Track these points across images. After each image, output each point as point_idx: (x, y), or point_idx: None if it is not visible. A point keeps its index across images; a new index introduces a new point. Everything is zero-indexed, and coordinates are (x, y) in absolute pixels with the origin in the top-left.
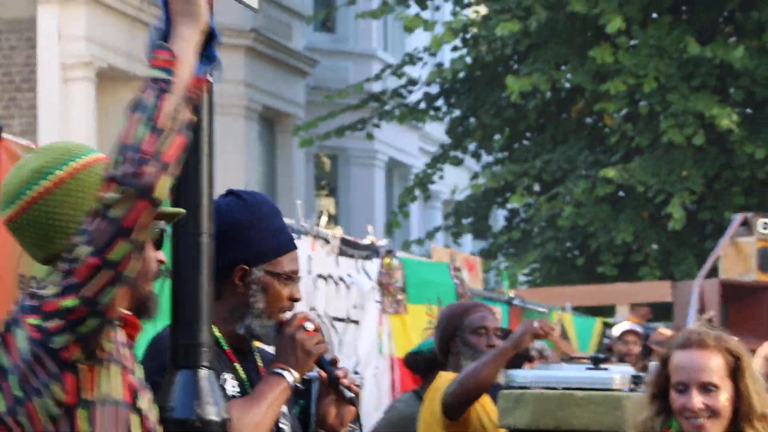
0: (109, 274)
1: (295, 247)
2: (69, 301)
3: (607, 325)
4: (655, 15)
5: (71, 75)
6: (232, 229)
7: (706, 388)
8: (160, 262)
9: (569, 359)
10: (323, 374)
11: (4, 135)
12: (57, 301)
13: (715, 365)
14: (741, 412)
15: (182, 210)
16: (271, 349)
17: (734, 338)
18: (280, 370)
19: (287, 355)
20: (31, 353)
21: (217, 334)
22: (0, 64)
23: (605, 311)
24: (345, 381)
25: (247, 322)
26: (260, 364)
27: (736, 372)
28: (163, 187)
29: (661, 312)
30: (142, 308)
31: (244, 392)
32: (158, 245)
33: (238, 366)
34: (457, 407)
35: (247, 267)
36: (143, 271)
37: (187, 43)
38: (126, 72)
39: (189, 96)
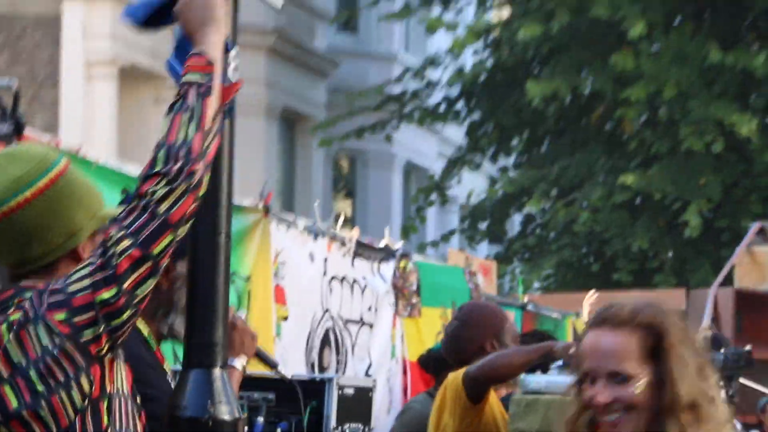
0: (149, 267)
1: None
2: (106, 294)
3: None
4: (677, 21)
5: (94, 72)
6: None
7: (617, 377)
8: None
9: None
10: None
11: (27, 131)
12: (91, 295)
13: (628, 348)
14: (663, 402)
15: None
16: None
17: (662, 309)
18: (228, 361)
19: (231, 343)
20: (58, 348)
21: (145, 333)
22: (24, 60)
23: None
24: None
25: (170, 320)
26: None
27: (657, 353)
28: (206, 184)
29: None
30: None
31: None
32: None
33: (166, 366)
34: (480, 383)
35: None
36: None
37: (216, 49)
38: (148, 70)
39: (223, 101)
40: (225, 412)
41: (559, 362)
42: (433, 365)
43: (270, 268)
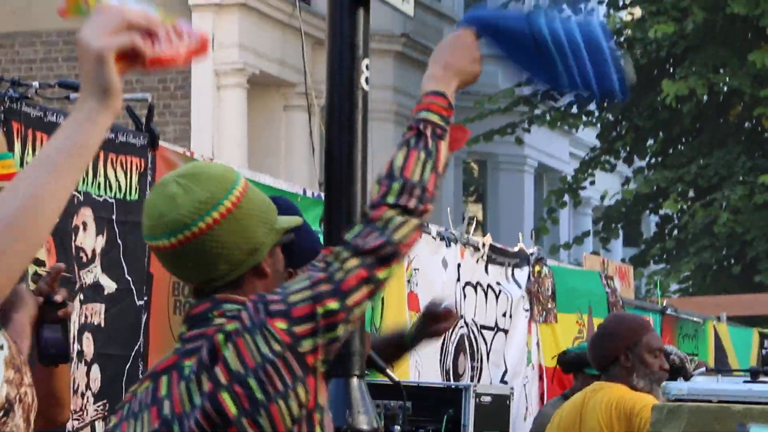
0: (371, 289)
1: None
2: (331, 305)
3: (765, 337)
4: None
5: (224, 82)
6: None
7: None
8: None
9: (726, 372)
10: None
11: (160, 142)
12: (312, 306)
13: None
14: None
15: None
16: None
17: None
18: None
19: None
20: (277, 356)
21: None
22: (155, 72)
23: (763, 321)
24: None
25: None
26: None
27: None
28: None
29: None
30: None
31: None
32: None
33: None
34: None
35: None
36: None
37: (452, 95)
38: (277, 78)
39: (452, 148)
40: (363, 422)
41: (702, 368)
42: (569, 365)
43: (403, 275)
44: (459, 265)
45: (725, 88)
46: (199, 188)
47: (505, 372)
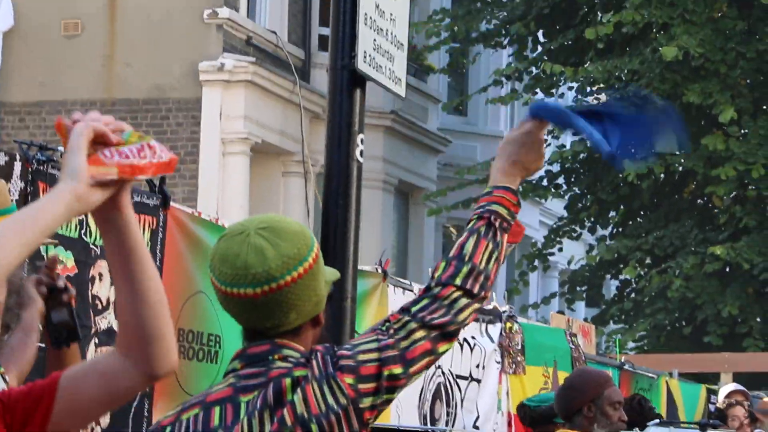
0: (430, 360)
1: None
2: (396, 370)
3: (712, 392)
4: (765, 107)
5: (230, 149)
6: None
7: None
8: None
9: (677, 423)
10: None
11: (171, 203)
12: (378, 367)
13: None
14: None
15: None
16: None
17: None
18: None
19: None
20: (341, 407)
21: None
22: (168, 138)
23: (710, 378)
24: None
25: None
26: None
27: None
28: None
29: (765, 381)
30: None
31: None
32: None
33: None
34: None
35: None
36: None
37: (517, 188)
38: (277, 147)
39: (510, 240)
40: None
41: (656, 420)
42: (528, 419)
43: None
44: None
45: (680, 168)
46: (285, 243)
47: (477, 418)
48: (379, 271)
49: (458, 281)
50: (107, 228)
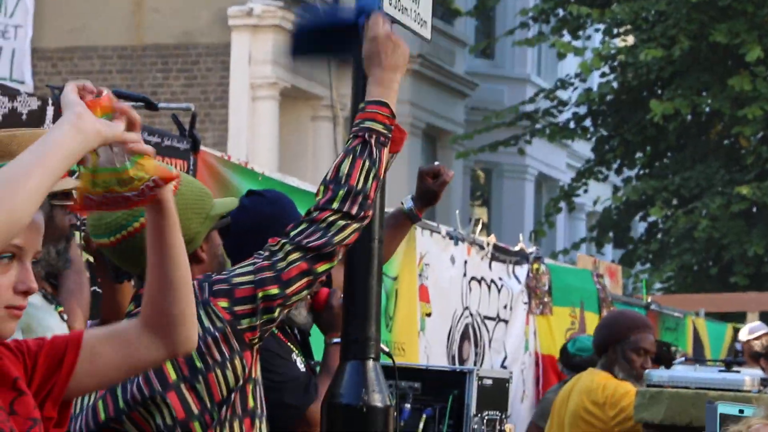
0: (308, 280)
1: None
2: (271, 290)
3: (738, 331)
4: None
5: (258, 94)
6: (263, 221)
7: None
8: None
9: (702, 362)
10: None
11: (201, 147)
12: (254, 289)
13: None
14: None
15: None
16: None
17: None
18: (336, 339)
19: (335, 325)
20: (218, 330)
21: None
22: (197, 84)
23: (736, 317)
24: None
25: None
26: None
27: None
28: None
29: None
30: None
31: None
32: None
33: (293, 346)
34: None
35: None
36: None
37: (394, 100)
38: (306, 91)
39: (392, 150)
40: (377, 399)
41: (682, 358)
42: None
43: (415, 270)
44: (465, 262)
45: (707, 109)
46: None
47: (505, 358)
48: None
49: (335, 205)
50: (150, 222)
